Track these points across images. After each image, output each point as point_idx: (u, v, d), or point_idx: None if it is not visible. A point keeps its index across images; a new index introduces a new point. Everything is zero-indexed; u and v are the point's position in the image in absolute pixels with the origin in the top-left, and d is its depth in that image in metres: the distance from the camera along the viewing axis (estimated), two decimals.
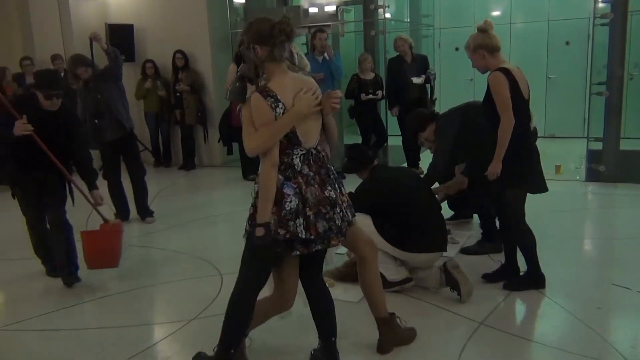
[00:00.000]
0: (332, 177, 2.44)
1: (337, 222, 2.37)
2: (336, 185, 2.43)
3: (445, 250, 3.62)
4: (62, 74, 7.62)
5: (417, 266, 3.55)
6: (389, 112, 7.07)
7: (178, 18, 7.89)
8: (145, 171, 5.45)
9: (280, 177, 2.32)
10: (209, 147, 8.10)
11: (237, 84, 2.40)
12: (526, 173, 3.36)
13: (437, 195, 4.07)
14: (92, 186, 3.91)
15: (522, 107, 3.25)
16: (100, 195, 3.93)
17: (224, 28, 8.03)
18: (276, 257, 2.36)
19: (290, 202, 2.30)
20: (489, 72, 3.31)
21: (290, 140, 2.34)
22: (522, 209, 3.46)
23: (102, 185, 5.14)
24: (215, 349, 2.56)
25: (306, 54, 7.61)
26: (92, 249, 3.73)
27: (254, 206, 2.36)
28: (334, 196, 2.38)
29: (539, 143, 3.60)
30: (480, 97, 3.50)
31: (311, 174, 2.37)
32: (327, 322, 2.66)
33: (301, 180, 2.34)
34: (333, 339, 2.67)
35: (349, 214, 2.45)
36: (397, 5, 9.61)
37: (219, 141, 7.33)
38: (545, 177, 3.48)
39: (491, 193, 3.52)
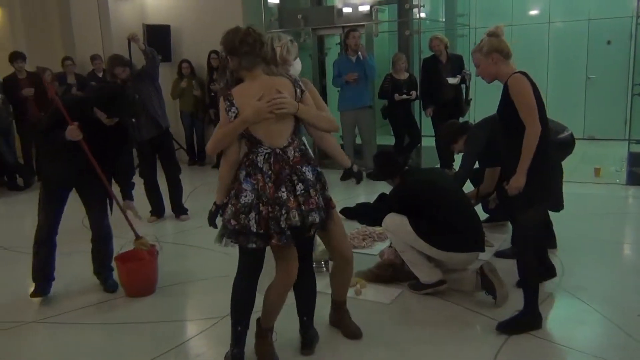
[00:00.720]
0: (294, 178, 2.47)
1: (280, 223, 2.42)
2: (297, 188, 2.47)
3: (483, 250, 3.55)
4: (101, 74, 7.83)
5: (453, 267, 3.49)
6: (422, 112, 7.00)
7: (214, 19, 7.97)
8: (180, 169, 5.53)
9: (243, 172, 2.50)
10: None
11: (222, 88, 2.62)
12: (550, 187, 3.05)
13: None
14: (126, 195, 3.82)
15: (544, 115, 2.90)
16: (134, 207, 3.80)
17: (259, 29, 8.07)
18: (213, 222, 2.69)
19: (246, 196, 2.45)
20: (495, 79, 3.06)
21: (250, 141, 2.51)
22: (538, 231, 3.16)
23: (138, 182, 5.24)
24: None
25: (340, 54, 7.63)
26: (130, 282, 3.72)
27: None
28: (284, 197, 2.44)
29: (578, 145, 3.51)
30: None
31: (269, 172, 2.46)
32: (303, 302, 2.86)
33: (260, 178, 2.45)
34: (305, 318, 2.86)
35: (294, 218, 2.43)
36: (432, 4, 9.51)
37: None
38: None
39: (511, 209, 3.16)
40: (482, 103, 6.89)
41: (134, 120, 5.06)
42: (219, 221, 2.63)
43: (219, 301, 3.58)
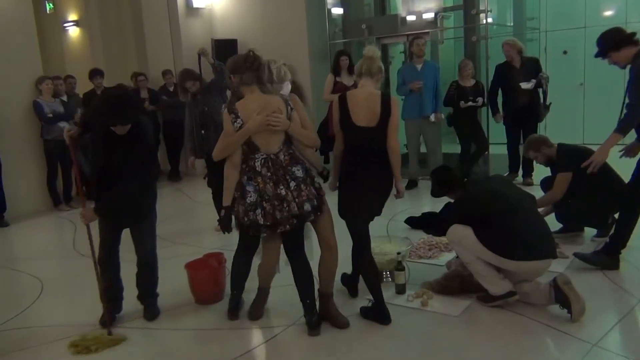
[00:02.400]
0: (287, 177, 3.03)
1: (284, 213, 2.98)
2: (292, 185, 3.03)
3: (555, 257, 3.36)
4: (172, 88, 8.14)
5: (523, 277, 3.35)
6: (490, 119, 6.82)
7: (279, 32, 8.13)
8: None
9: (245, 177, 3.05)
10: None
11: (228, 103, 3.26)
12: None
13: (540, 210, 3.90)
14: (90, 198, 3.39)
15: None
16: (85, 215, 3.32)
17: (323, 39, 8.15)
18: (228, 226, 3.21)
19: (251, 197, 3.02)
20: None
21: (249, 148, 3.05)
22: None
23: (207, 192, 5.39)
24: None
25: (404, 62, 7.57)
26: (200, 289, 3.79)
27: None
28: (284, 193, 3.00)
29: None
30: (591, 102, 3.28)
31: (268, 174, 3.02)
32: (303, 286, 3.23)
33: (260, 180, 3.02)
34: (308, 301, 3.22)
35: (293, 208, 3.00)
36: (499, 8, 9.26)
37: (316, 150, 7.42)
38: None
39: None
40: (555, 109, 6.61)
41: (202, 132, 5.23)
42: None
43: (285, 309, 3.62)
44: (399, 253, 3.71)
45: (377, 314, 3.28)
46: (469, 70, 6.65)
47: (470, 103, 6.56)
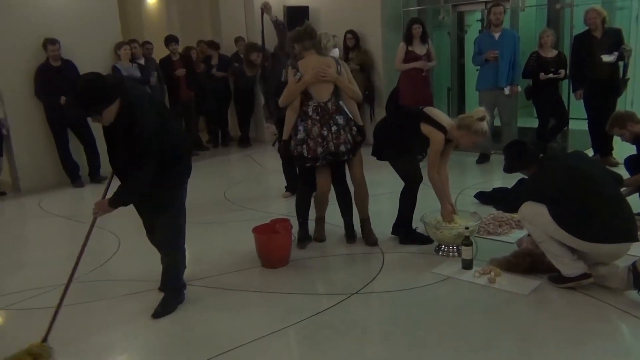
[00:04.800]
0: (331, 122, 3.86)
1: (323, 149, 3.83)
2: (334, 129, 3.84)
3: (636, 240, 3.14)
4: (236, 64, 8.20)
5: (600, 260, 3.18)
6: (571, 93, 6.45)
7: None
8: None
9: (299, 119, 3.89)
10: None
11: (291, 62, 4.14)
12: None
13: (622, 190, 3.66)
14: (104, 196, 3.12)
15: None
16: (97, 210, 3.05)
17: (396, 7, 7.95)
18: (285, 155, 4.17)
19: (300, 134, 3.87)
20: None
21: (305, 96, 3.88)
22: None
23: (276, 159, 5.46)
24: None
25: (481, 31, 7.27)
26: (266, 253, 3.84)
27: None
28: (325, 134, 3.83)
29: None
30: None
31: (317, 118, 3.85)
32: (345, 207, 4.21)
33: (309, 122, 3.86)
34: (347, 218, 4.23)
35: (331, 147, 3.83)
36: None
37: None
38: None
39: None
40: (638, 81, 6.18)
41: (276, 98, 5.30)
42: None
43: (349, 278, 3.64)
44: (467, 228, 3.63)
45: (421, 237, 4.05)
46: (550, 40, 6.29)
47: (551, 75, 6.23)
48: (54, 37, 6.37)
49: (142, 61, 7.33)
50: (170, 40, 7.88)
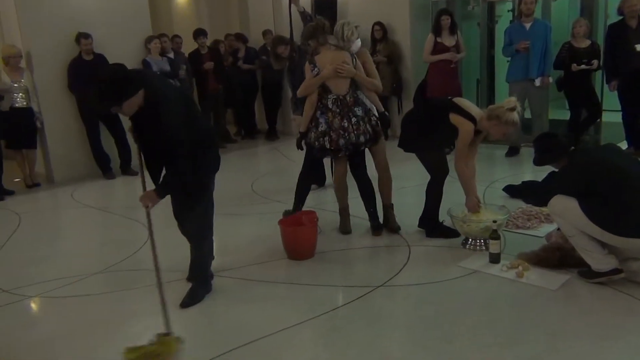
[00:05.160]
0: (350, 114, 3.96)
1: (345, 140, 3.94)
2: (354, 120, 3.95)
3: None
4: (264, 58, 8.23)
5: (631, 255, 3.11)
6: (604, 84, 6.29)
7: None
8: None
9: (319, 112, 3.99)
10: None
11: (309, 58, 4.10)
12: None
13: None
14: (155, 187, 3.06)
15: None
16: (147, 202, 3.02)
17: None
18: (300, 145, 4.24)
19: (322, 127, 3.98)
20: None
21: (324, 90, 3.97)
22: None
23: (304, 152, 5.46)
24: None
25: (512, 21, 7.14)
26: (291, 245, 3.87)
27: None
28: (346, 126, 3.94)
29: None
30: None
31: (337, 110, 3.96)
32: (366, 199, 4.24)
33: (330, 115, 3.96)
34: (371, 209, 4.24)
35: (353, 138, 3.95)
36: None
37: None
38: None
39: None
40: None
41: (295, 89, 5.31)
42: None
43: (374, 270, 3.64)
44: (494, 221, 3.58)
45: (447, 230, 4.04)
46: (583, 30, 6.14)
47: (583, 66, 6.08)
48: (87, 32, 6.50)
49: (171, 55, 7.42)
50: (198, 33, 7.95)
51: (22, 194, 6.27)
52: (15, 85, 6.11)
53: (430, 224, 4.11)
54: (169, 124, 2.82)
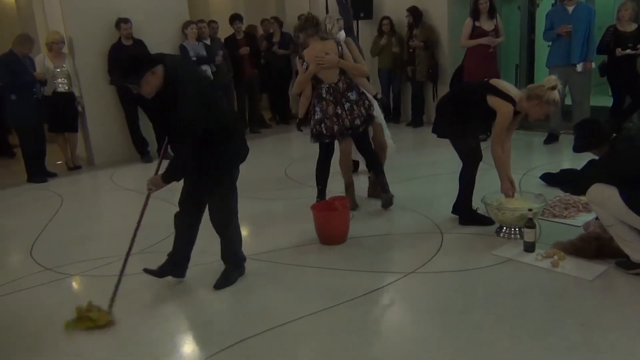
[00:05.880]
0: (344, 100, 4.25)
1: (339, 126, 4.24)
2: (346, 106, 4.24)
3: None
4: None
5: None
6: None
7: None
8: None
9: (315, 100, 4.30)
10: None
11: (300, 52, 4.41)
12: None
13: None
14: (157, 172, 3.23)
15: None
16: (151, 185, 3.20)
17: None
18: (300, 129, 4.57)
19: (318, 115, 4.28)
20: None
21: (316, 81, 4.28)
22: None
23: None
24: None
25: (553, 5, 6.93)
26: (324, 230, 3.88)
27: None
28: (340, 112, 4.23)
29: None
30: None
31: (331, 98, 4.24)
32: (371, 165, 4.60)
33: (324, 103, 4.25)
34: (383, 179, 4.47)
35: (347, 123, 4.24)
36: None
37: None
38: None
39: None
40: None
41: None
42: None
43: (406, 257, 3.63)
44: (530, 210, 3.52)
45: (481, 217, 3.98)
46: (629, 14, 5.91)
47: (628, 51, 5.87)
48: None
49: (208, 40, 7.49)
50: (234, 18, 7.99)
51: (64, 176, 6.48)
52: (58, 70, 6.29)
53: (464, 212, 4.07)
54: (183, 106, 2.82)
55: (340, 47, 4.27)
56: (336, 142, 4.46)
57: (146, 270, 3.34)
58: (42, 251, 4.15)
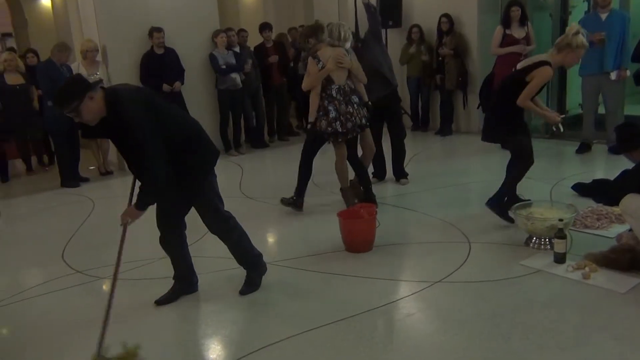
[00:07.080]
0: (352, 100, 4.53)
1: (352, 123, 4.49)
2: (355, 106, 4.53)
3: None
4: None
5: None
6: None
7: None
8: (405, 134, 5.61)
9: (326, 101, 4.50)
10: (468, 113, 7.91)
11: (311, 52, 4.61)
12: None
13: None
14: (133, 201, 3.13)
15: None
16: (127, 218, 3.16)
17: None
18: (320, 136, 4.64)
19: (332, 113, 4.47)
20: None
21: (327, 81, 4.50)
22: None
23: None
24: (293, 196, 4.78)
25: (587, 12, 6.81)
26: (349, 238, 3.88)
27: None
28: (351, 111, 4.49)
29: None
30: None
31: (341, 98, 4.50)
32: (361, 177, 4.85)
33: (336, 103, 4.49)
34: (368, 186, 4.81)
35: (357, 120, 4.52)
36: None
37: (478, 107, 7.06)
38: None
39: None
40: None
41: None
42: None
43: (433, 266, 3.60)
44: (561, 220, 3.45)
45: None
46: None
47: None
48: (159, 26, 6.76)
49: (237, 49, 7.58)
50: (264, 27, 8.07)
51: (96, 181, 6.63)
52: (91, 77, 6.43)
53: (498, 201, 4.08)
54: (134, 125, 2.76)
55: (349, 55, 4.57)
56: (331, 146, 4.74)
57: (159, 302, 3.29)
58: (74, 254, 4.24)
